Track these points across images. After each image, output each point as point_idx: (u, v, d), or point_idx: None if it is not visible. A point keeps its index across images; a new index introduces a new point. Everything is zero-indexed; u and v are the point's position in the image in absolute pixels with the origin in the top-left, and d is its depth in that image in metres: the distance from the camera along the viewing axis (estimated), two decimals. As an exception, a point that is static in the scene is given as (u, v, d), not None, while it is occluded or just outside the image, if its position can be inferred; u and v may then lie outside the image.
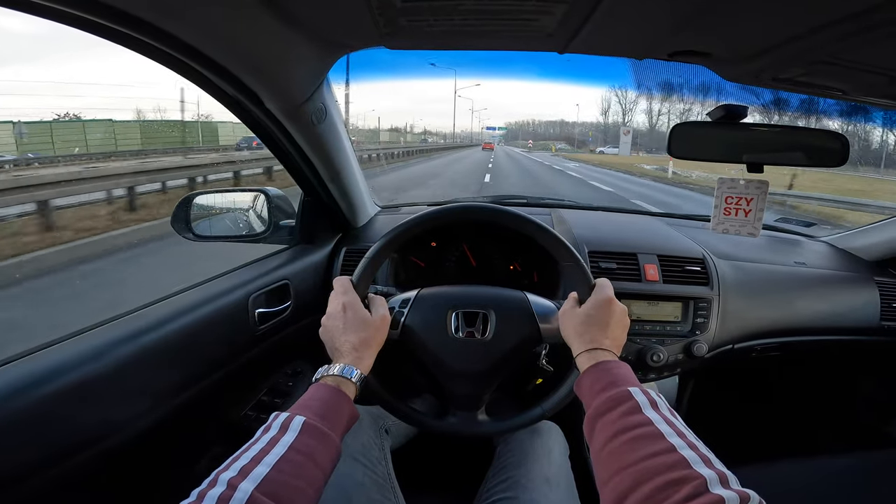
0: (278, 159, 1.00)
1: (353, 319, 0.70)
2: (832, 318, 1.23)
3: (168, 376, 0.77)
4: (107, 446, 0.66)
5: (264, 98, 0.77)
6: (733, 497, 0.38)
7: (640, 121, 53.25)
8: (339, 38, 0.71)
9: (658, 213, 1.58)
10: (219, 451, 0.99)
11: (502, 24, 0.62)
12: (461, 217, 0.82)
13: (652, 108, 42.73)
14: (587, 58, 0.80)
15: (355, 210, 1.23)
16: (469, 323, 0.78)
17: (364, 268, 0.76)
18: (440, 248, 1.21)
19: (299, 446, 0.51)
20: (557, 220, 1.31)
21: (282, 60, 0.71)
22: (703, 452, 0.46)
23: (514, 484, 0.79)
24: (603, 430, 0.53)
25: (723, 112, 0.91)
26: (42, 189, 5.49)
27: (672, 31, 0.64)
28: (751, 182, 0.99)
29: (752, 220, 1.01)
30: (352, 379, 0.64)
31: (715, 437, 0.60)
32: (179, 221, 1.08)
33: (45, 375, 0.60)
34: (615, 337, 0.68)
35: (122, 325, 0.75)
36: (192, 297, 0.88)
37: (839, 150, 0.91)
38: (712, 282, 1.11)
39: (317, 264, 1.17)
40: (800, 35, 0.60)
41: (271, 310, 1.00)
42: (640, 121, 53.25)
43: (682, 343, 1.08)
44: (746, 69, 0.75)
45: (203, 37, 0.60)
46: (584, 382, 0.62)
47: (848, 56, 0.64)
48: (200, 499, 0.42)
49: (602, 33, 0.64)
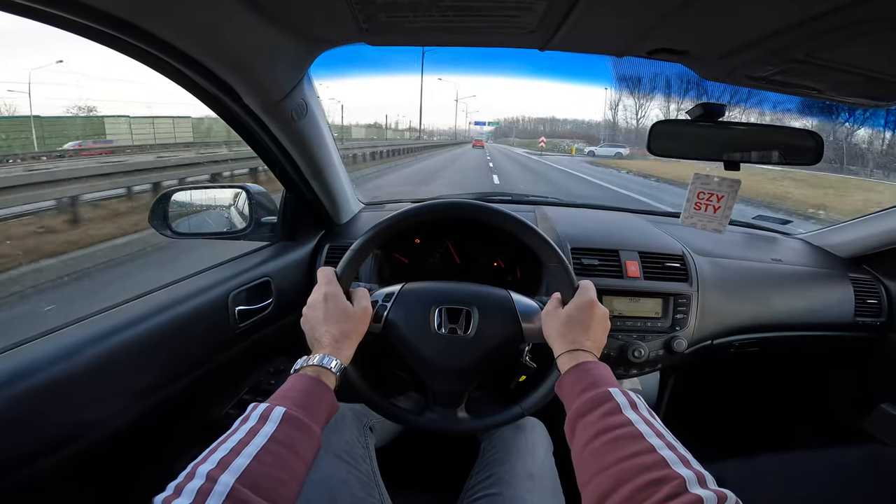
0: (259, 156, 0.99)
1: (335, 310, 0.69)
2: (808, 313, 1.26)
3: (145, 375, 0.76)
4: (80, 447, 0.65)
5: (243, 94, 0.76)
6: (711, 497, 0.39)
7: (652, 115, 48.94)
8: (319, 34, 0.70)
9: (639, 210, 1.60)
10: (199, 449, 0.97)
11: (483, 20, 0.62)
12: (449, 213, 0.82)
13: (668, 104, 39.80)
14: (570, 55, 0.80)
15: (338, 207, 1.23)
16: (452, 319, 0.79)
17: (349, 259, 0.76)
18: (424, 245, 1.20)
19: (280, 437, 0.50)
20: (541, 217, 1.32)
21: (260, 56, 0.70)
22: (682, 453, 0.47)
23: (498, 480, 0.80)
24: (584, 430, 0.54)
25: (701, 110, 0.92)
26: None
27: (649, 29, 0.65)
28: (724, 180, 1.02)
29: (719, 217, 1.03)
30: (331, 369, 0.63)
31: (695, 433, 0.62)
32: (157, 218, 1.06)
33: (13, 375, 0.59)
34: (596, 339, 0.68)
35: (95, 323, 0.73)
36: (170, 294, 0.87)
37: (814, 149, 0.94)
38: (691, 278, 1.13)
39: (299, 261, 1.16)
40: (773, 33, 0.61)
41: (252, 307, 0.99)
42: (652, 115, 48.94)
43: (662, 339, 1.09)
44: (722, 67, 0.76)
45: (180, 33, 0.59)
46: (566, 383, 0.62)
47: (821, 55, 0.66)
48: (178, 492, 0.41)
49: (582, 30, 0.65)
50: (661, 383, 1.26)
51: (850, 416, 1.46)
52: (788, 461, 1.21)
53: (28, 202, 5.00)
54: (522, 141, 70.72)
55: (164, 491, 0.42)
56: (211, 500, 0.40)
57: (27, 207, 5.00)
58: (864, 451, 1.28)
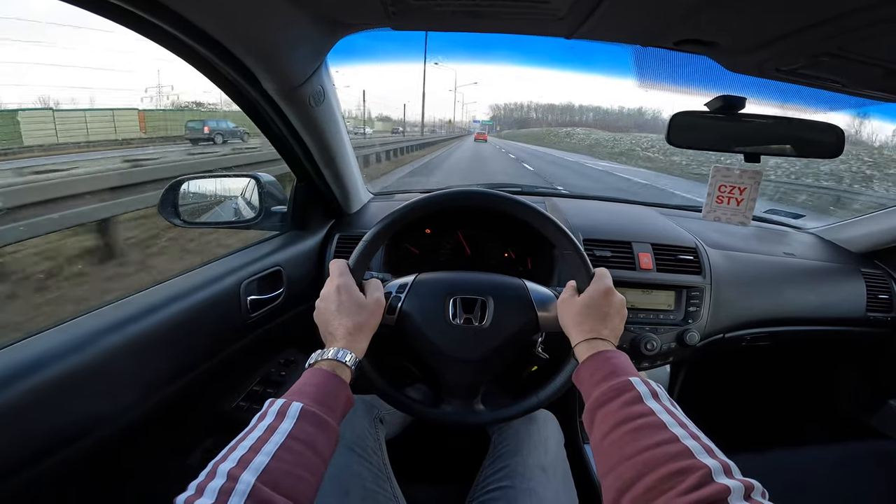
0: (272, 143, 0.98)
1: (348, 302, 0.68)
2: (820, 308, 1.26)
3: (157, 366, 0.75)
4: (93, 440, 0.64)
5: (262, 78, 0.74)
6: (738, 486, 0.38)
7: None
8: (345, 17, 0.68)
9: (652, 202, 1.59)
10: (211, 442, 0.97)
11: (514, 5, 0.60)
12: (463, 203, 0.81)
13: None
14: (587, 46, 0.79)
15: (349, 196, 1.21)
16: (467, 310, 0.77)
17: (361, 250, 0.74)
18: (435, 235, 1.19)
19: (298, 434, 0.50)
20: (552, 209, 1.31)
21: (283, 39, 0.68)
22: (706, 442, 0.46)
23: (510, 473, 0.79)
24: (604, 420, 0.53)
25: (721, 102, 0.92)
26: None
27: (681, 19, 0.63)
28: (745, 172, 1.01)
29: (743, 210, 1.03)
30: (347, 363, 0.63)
31: (704, 426, 0.61)
32: (167, 206, 1.04)
33: (25, 368, 0.58)
34: (613, 327, 0.67)
35: (107, 314, 0.72)
36: (182, 283, 0.85)
37: (834, 142, 0.93)
38: (705, 271, 1.12)
39: (309, 251, 1.14)
40: (807, 27, 0.60)
41: (264, 297, 0.98)
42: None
43: (674, 332, 1.09)
44: (751, 60, 0.75)
45: (202, 12, 0.57)
46: (584, 372, 0.61)
47: (853, 49, 0.65)
48: (200, 492, 0.40)
49: (613, 18, 0.63)
50: (672, 376, 1.27)
51: (859, 411, 1.47)
52: (797, 456, 1.22)
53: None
54: (528, 134, 60.90)
55: (183, 489, 0.41)
56: (233, 499, 0.40)
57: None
58: (873, 448, 1.29)
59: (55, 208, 3.46)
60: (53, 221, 3.39)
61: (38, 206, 3.37)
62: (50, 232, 3.41)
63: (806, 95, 0.94)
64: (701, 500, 0.38)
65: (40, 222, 3.30)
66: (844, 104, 1.00)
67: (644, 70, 0.92)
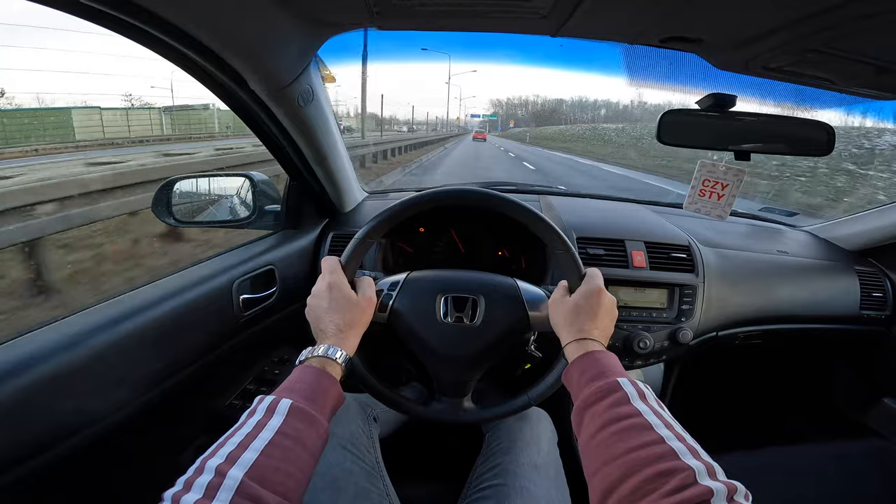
0: (263, 143, 0.98)
1: (339, 299, 0.69)
2: (813, 306, 1.25)
3: (150, 364, 0.75)
4: (84, 438, 0.64)
5: (249, 80, 0.74)
6: (721, 488, 0.38)
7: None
8: (329, 18, 0.69)
9: (645, 200, 1.59)
10: (203, 440, 0.97)
11: (495, 4, 0.60)
12: (456, 201, 0.81)
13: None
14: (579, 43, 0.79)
15: (342, 195, 1.22)
16: (458, 308, 0.78)
17: (353, 248, 0.75)
18: (428, 233, 1.20)
19: (287, 430, 0.50)
20: (546, 207, 1.31)
21: (268, 40, 0.69)
22: (691, 444, 0.46)
23: (503, 471, 0.80)
24: (591, 421, 0.53)
25: (712, 100, 0.92)
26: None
27: (665, 16, 0.64)
28: (730, 168, 1.02)
29: (722, 205, 1.05)
30: (337, 360, 0.63)
31: (697, 425, 0.61)
32: (160, 206, 1.05)
33: (16, 366, 0.58)
34: (604, 327, 0.68)
35: (99, 312, 0.72)
36: (174, 282, 0.86)
37: (825, 140, 0.93)
38: (697, 269, 1.12)
39: (303, 249, 1.15)
40: (792, 23, 0.60)
41: (256, 296, 0.99)
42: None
43: (667, 330, 1.08)
44: (737, 57, 0.75)
45: (186, 15, 0.57)
46: (573, 372, 0.62)
47: (839, 45, 0.65)
48: (188, 487, 0.41)
49: (596, 15, 0.63)
50: (665, 375, 1.26)
51: (853, 409, 1.47)
52: (791, 455, 1.22)
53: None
54: (546, 131, 53.56)
55: (173, 485, 0.41)
56: (221, 494, 0.40)
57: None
58: (867, 447, 1.28)
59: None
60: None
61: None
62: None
63: (796, 93, 0.94)
64: (684, 501, 0.38)
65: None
66: (834, 102, 1.00)
67: (634, 68, 0.93)
